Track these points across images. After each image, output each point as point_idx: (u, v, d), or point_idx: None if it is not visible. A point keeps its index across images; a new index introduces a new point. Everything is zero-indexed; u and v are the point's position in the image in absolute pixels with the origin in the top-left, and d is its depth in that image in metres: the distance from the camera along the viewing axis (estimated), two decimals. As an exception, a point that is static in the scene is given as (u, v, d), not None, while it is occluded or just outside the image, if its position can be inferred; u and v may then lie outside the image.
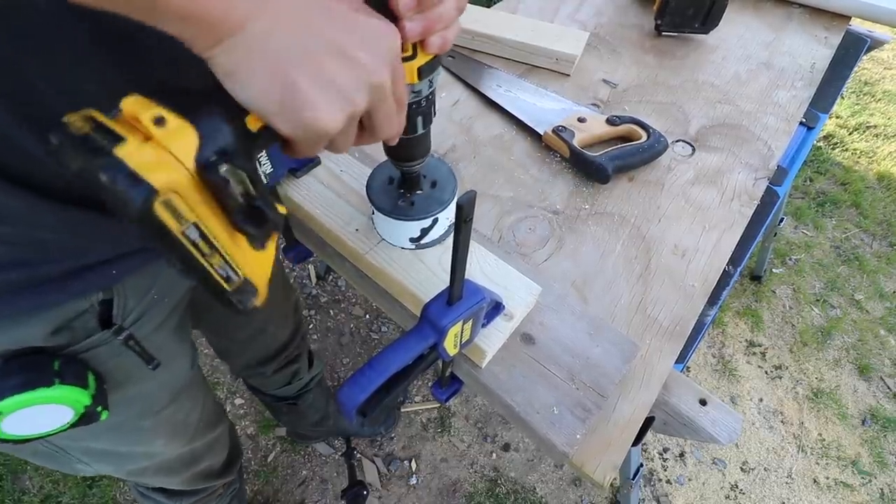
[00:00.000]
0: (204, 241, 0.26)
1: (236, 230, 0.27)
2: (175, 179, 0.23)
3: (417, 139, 0.42)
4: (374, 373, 0.37)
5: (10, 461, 1.29)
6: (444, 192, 0.50)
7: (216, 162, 0.24)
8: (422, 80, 0.36)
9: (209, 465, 0.78)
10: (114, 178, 0.21)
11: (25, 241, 0.38)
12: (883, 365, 1.60)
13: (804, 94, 0.89)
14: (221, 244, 0.27)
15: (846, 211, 2.00)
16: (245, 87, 0.26)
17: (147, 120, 0.23)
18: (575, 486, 1.32)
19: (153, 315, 0.51)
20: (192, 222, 0.25)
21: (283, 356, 0.95)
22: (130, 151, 0.22)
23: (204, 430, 0.70)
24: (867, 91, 2.53)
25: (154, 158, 0.23)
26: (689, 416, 0.55)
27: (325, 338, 1.54)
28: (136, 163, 0.22)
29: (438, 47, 0.34)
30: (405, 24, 0.31)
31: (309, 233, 0.60)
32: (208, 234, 0.26)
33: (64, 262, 0.40)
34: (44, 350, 0.42)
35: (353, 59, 0.27)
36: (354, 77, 0.28)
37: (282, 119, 0.27)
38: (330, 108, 0.27)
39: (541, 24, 0.93)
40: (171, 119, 0.23)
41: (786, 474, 1.37)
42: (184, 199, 0.24)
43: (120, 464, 0.62)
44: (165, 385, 0.58)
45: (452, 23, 0.34)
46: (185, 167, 0.23)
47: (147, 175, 0.22)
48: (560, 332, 0.52)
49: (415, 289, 0.51)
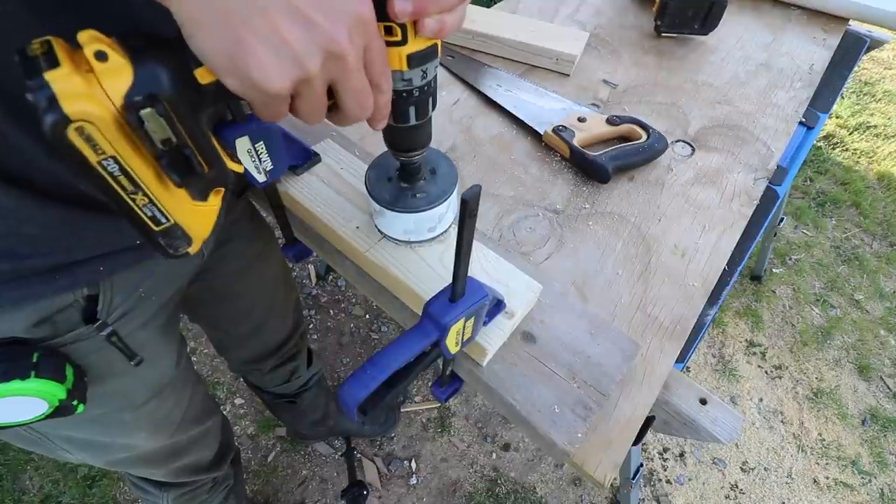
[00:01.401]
0: (125, 177, 0.27)
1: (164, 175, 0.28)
2: (93, 112, 0.24)
3: (410, 129, 0.40)
4: (376, 370, 0.37)
5: (10, 461, 1.29)
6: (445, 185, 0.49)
7: (139, 104, 0.25)
8: (412, 68, 0.34)
9: (195, 459, 0.78)
10: (35, 98, 0.23)
11: (14, 234, 0.38)
12: (883, 365, 1.60)
13: (803, 94, 0.89)
14: (146, 184, 0.28)
15: (846, 211, 2.00)
16: (196, 39, 0.26)
17: (89, 52, 0.24)
18: (575, 486, 1.32)
19: (139, 312, 0.51)
20: (111, 155, 0.26)
21: (282, 353, 0.95)
22: (58, 77, 0.23)
23: (189, 426, 0.70)
24: (867, 91, 2.53)
25: (80, 89, 0.24)
26: (689, 416, 0.55)
27: (325, 338, 1.54)
28: (59, 88, 0.23)
29: (434, 32, 0.31)
30: (393, 2, 0.29)
31: (308, 231, 0.60)
32: (129, 171, 0.27)
33: (52, 256, 0.40)
34: (25, 341, 0.43)
35: (309, 21, 0.26)
36: (306, 38, 0.26)
37: (229, 75, 0.27)
38: (276, 68, 0.26)
39: (541, 24, 0.94)
40: (115, 57, 0.24)
41: (786, 474, 1.38)
42: (101, 131, 0.25)
43: (101, 454, 0.62)
44: (147, 381, 0.58)
45: (454, 7, 0.31)
46: (110, 102, 0.25)
47: (64, 102, 0.23)
48: (561, 331, 0.52)
49: (416, 286, 0.51)
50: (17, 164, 0.36)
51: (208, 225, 0.33)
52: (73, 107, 0.24)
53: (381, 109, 0.33)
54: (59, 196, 0.38)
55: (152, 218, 0.29)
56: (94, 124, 0.24)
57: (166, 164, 0.28)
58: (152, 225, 0.30)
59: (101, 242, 0.43)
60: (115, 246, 0.44)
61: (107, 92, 0.24)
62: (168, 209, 0.30)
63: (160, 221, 0.30)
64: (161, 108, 0.26)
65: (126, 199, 0.28)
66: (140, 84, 0.25)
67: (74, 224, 0.41)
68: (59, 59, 0.23)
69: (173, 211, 0.30)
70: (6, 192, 0.36)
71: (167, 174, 0.28)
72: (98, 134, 0.25)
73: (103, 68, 0.24)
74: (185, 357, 0.66)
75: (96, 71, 0.24)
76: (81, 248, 0.42)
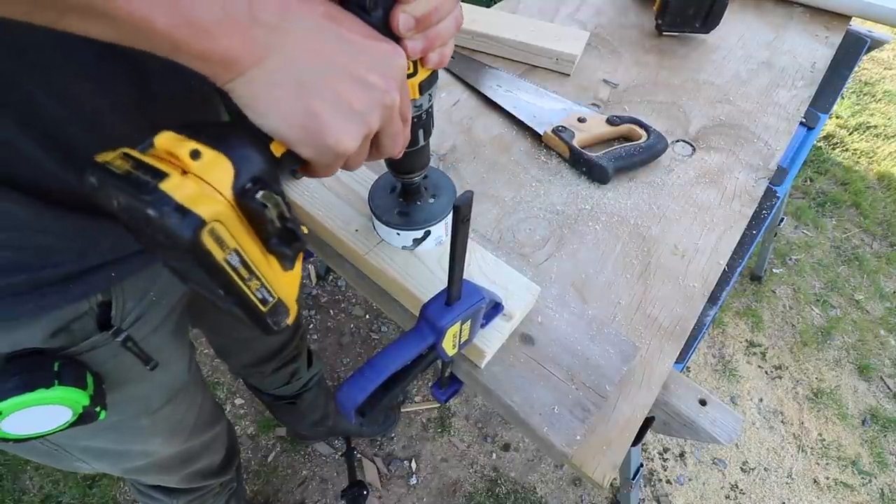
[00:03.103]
0: (244, 267, 0.27)
1: (270, 252, 0.28)
2: (218, 209, 0.24)
3: (417, 152, 0.44)
4: (373, 373, 0.37)
5: (10, 461, 1.29)
6: (441, 207, 0.51)
7: (252, 189, 0.25)
8: (423, 94, 0.37)
9: (206, 463, 0.78)
10: (161, 213, 0.22)
11: (29, 245, 0.38)
12: (883, 365, 1.60)
13: (805, 93, 0.89)
14: (258, 268, 0.28)
15: (846, 211, 2.00)
16: (267, 117, 0.27)
17: (184, 154, 0.24)
18: (575, 486, 1.31)
19: (151, 317, 0.51)
20: (234, 249, 0.26)
21: (283, 355, 0.95)
22: (175, 186, 0.23)
23: (201, 430, 0.71)
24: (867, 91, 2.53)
25: (196, 191, 0.23)
26: (689, 416, 0.55)
27: (325, 338, 1.54)
28: (181, 196, 0.23)
29: (436, 63, 0.35)
30: (407, 44, 0.32)
31: (309, 233, 0.60)
32: (248, 260, 0.27)
33: (65, 265, 0.41)
34: (44, 351, 0.43)
35: (366, 83, 0.29)
36: (368, 99, 0.29)
37: (304, 144, 0.28)
38: (348, 131, 0.29)
39: (541, 24, 0.93)
40: (206, 151, 0.24)
41: (786, 474, 1.37)
42: (226, 227, 0.25)
43: (118, 462, 0.63)
44: (163, 385, 0.58)
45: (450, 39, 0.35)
46: (223, 196, 0.24)
47: (193, 207, 0.23)
48: (560, 333, 0.52)
49: (414, 289, 0.51)
50: (31, 176, 0.36)
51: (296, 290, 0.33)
52: (204, 210, 0.23)
53: (406, 140, 0.36)
54: (72, 206, 0.39)
55: (262, 300, 0.29)
56: (223, 222, 0.24)
57: (276, 243, 0.27)
58: (261, 307, 0.29)
59: (112, 249, 0.43)
60: (124, 251, 0.44)
61: (216, 187, 0.24)
62: (273, 287, 0.30)
63: (267, 301, 0.30)
64: (273, 187, 0.26)
65: (243, 287, 0.27)
66: (242, 171, 0.25)
67: (87, 233, 0.41)
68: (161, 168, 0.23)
69: (276, 287, 0.30)
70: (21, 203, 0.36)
71: (278, 250, 0.28)
72: (224, 231, 0.25)
73: (201, 166, 0.24)
74: (194, 361, 0.66)
75: (195, 170, 0.24)
76: (93, 256, 0.42)
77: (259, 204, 0.25)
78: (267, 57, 0.26)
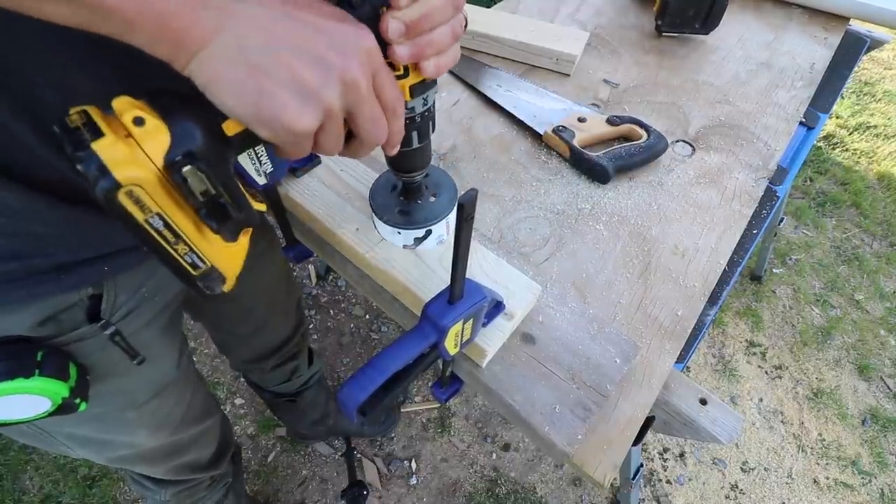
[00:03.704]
0: (168, 230, 0.29)
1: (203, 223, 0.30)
2: (140, 175, 0.26)
3: (413, 152, 0.43)
4: (375, 372, 0.37)
5: (10, 461, 1.29)
6: (442, 205, 0.51)
7: (180, 163, 0.27)
8: (414, 98, 0.37)
9: (195, 457, 0.78)
10: (86, 169, 0.25)
11: (21, 233, 0.39)
12: (883, 365, 1.60)
13: (804, 94, 0.89)
14: (187, 234, 0.30)
15: (846, 211, 2.00)
16: (221, 97, 0.27)
17: (128, 120, 0.25)
18: (575, 486, 1.32)
19: (142, 312, 0.51)
20: (156, 213, 0.27)
21: (283, 352, 0.95)
22: (104, 146, 0.25)
23: (189, 424, 0.71)
24: (867, 91, 2.53)
25: (125, 155, 0.25)
26: (689, 416, 0.55)
27: (325, 338, 1.54)
28: (106, 157, 0.25)
29: (432, 72, 0.34)
30: (394, 49, 0.32)
31: (309, 232, 0.60)
32: (172, 224, 0.28)
33: (58, 255, 0.41)
34: (29, 340, 0.43)
35: (322, 59, 0.28)
36: (324, 76, 0.28)
37: (259, 123, 0.28)
38: (303, 109, 0.28)
39: (541, 24, 0.93)
40: (150, 120, 0.26)
41: (786, 474, 1.37)
42: (148, 192, 0.26)
43: (102, 451, 0.63)
44: (150, 380, 0.58)
45: (448, 48, 0.34)
46: (153, 164, 0.26)
47: (114, 169, 0.25)
48: (560, 332, 0.52)
49: (415, 288, 0.51)
50: (26, 162, 0.36)
51: (239, 263, 0.35)
52: (123, 173, 0.25)
53: (395, 134, 0.35)
54: (65, 195, 0.39)
55: (192, 264, 0.31)
56: (142, 187, 0.26)
57: (205, 214, 0.29)
58: (192, 270, 0.31)
59: (106, 242, 0.43)
60: (119, 246, 0.44)
61: (148, 155, 0.26)
62: (205, 254, 0.31)
63: (198, 266, 0.32)
64: (199, 163, 0.27)
65: (169, 250, 0.29)
66: (177, 144, 0.27)
67: (80, 223, 0.41)
68: (102, 129, 0.25)
69: (210, 255, 0.32)
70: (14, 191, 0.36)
71: (206, 223, 0.30)
72: (145, 195, 0.26)
73: (142, 132, 0.26)
74: (186, 357, 0.66)
75: (135, 136, 0.25)
76: (87, 248, 0.42)
77: (180, 178, 0.27)
78: (216, 37, 0.26)
